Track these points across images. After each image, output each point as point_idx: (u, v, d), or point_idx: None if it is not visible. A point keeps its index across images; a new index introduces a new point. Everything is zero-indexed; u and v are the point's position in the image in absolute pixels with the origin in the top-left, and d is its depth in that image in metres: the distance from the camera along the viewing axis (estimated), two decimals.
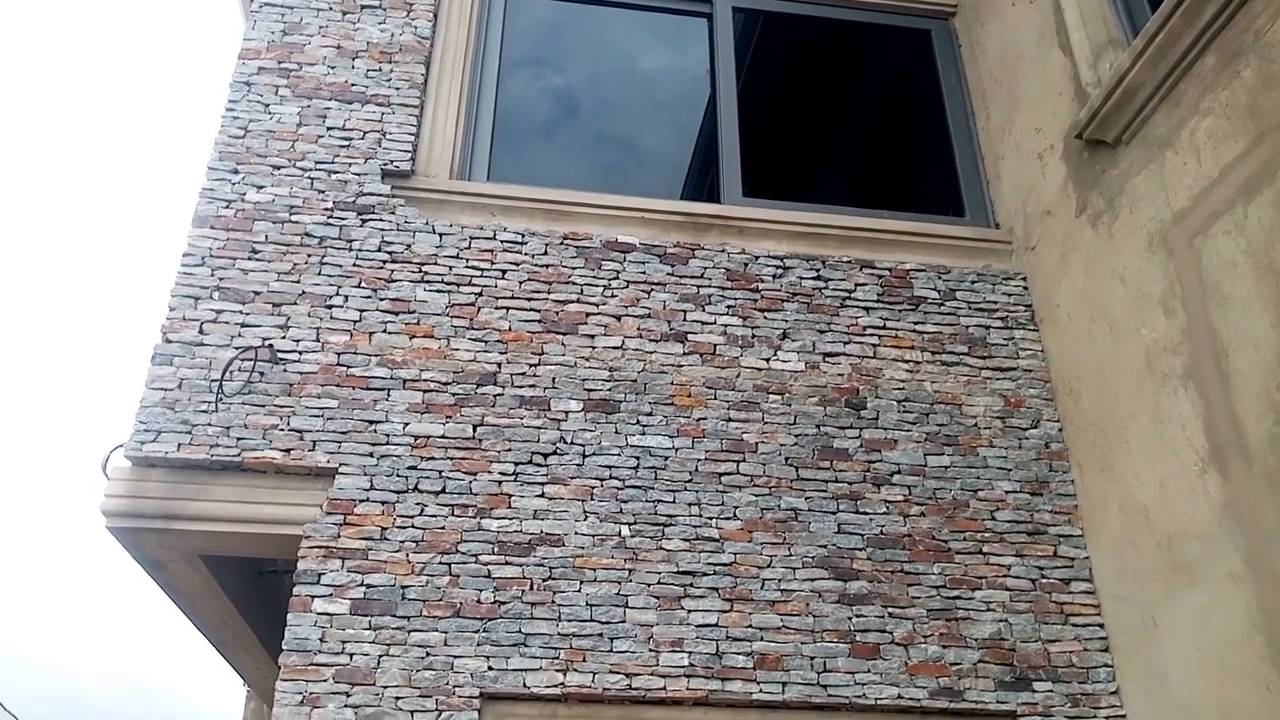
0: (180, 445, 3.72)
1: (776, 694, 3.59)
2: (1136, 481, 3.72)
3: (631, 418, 4.01)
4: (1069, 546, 3.99)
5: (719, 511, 3.88)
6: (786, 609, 3.74)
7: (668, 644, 3.62)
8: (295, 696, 3.38)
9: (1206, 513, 3.36)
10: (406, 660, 3.47)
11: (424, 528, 3.69)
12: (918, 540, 3.93)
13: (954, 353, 4.35)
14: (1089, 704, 3.70)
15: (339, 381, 3.89)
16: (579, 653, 3.56)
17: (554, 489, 3.84)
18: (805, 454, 4.04)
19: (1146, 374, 3.72)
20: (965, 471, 4.09)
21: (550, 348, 4.08)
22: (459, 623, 3.55)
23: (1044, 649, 3.78)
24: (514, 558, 3.69)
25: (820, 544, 3.87)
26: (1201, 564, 3.36)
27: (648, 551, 3.77)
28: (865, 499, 3.98)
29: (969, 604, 3.83)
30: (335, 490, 3.72)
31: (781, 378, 4.18)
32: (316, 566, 3.58)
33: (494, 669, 3.50)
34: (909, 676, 3.67)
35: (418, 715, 3.40)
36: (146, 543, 3.80)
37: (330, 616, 3.51)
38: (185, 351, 3.88)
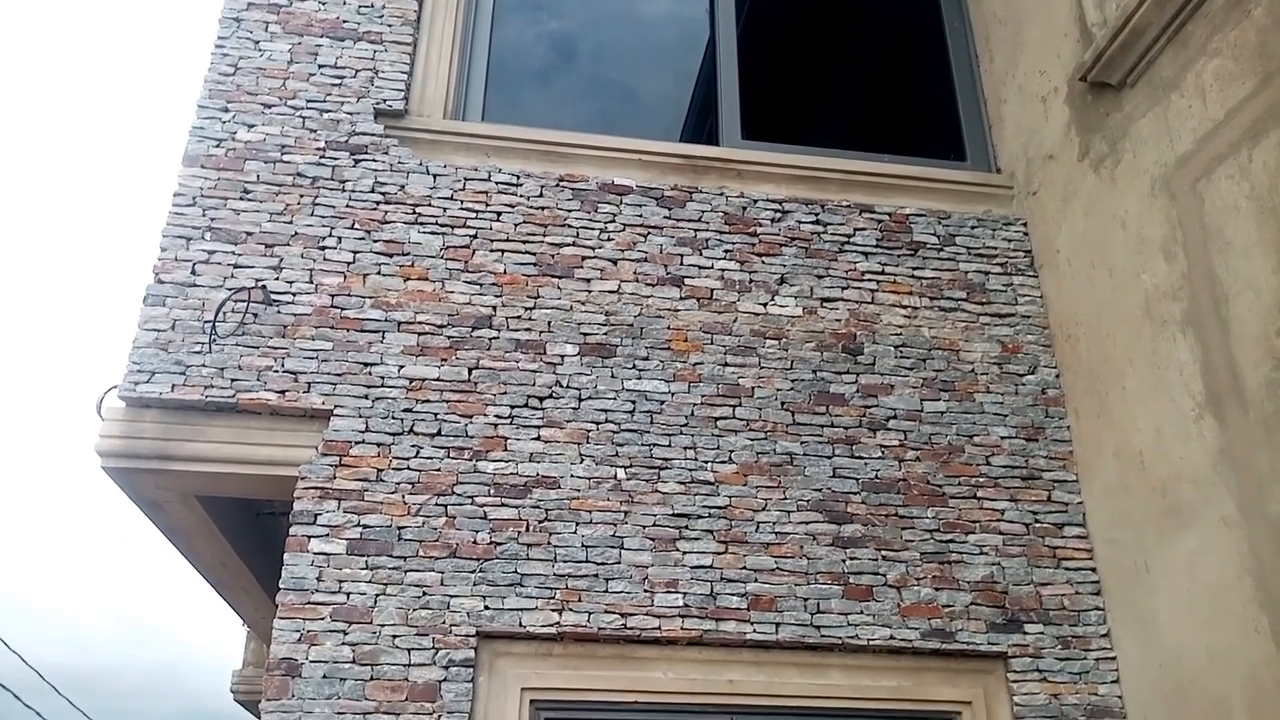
0: (174, 386, 3.70)
1: (770, 634, 3.62)
2: (1132, 427, 3.72)
3: (627, 362, 3.99)
4: (1063, 492, 4.00)
5: (714, 455, 3.89)
6: (780, 551, 3.76)
7: (662, 585, 3.64)
8: (293, 634, 3.40)
9: (1201, 458, 3.37)
10: (403, 599, 3.49)
11: (420, 469, 3.69)
12: (912, 485, 3.94)
13: (952, 298, 4.33)
14: (1079, 646, 3.74)
15: (333, 323, 3.86)
16: (574, 593, 3.59)
17: (550, 432, 3.84)
18: (801, 399, 4.03)
19: (1145, 319, 3.70)
20: (961, 417, 4.09)
21: (546, 291, 4.05)
22: (455, 563, 3.57)
23: (1036, 592, 3.81)
24: (510, 500, 3.70)
25: (815, 488, 3.88)
26: (1195, 509, 3.38)
27: (643, 494, 3.78)
28: (861, 444, 3.99)
29: (962, 547, 3.85)
30: (330, 432, 3.71)
31: (779, 323, 4.16)
32: (313, 507, 3.59)
33: (490, 608, 3.52)
34: (901, 618, 3.70)
35: (414, 653, 3.43)
36: (142, 483, 3.80)
37: (327, 556, 3.52)
38: (178, 292, 3.84)
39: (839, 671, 3.67)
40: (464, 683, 3.41)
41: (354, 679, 3.36)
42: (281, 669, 3.35)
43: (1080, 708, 3.64)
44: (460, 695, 3.39)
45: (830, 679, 3.66)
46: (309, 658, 3.37)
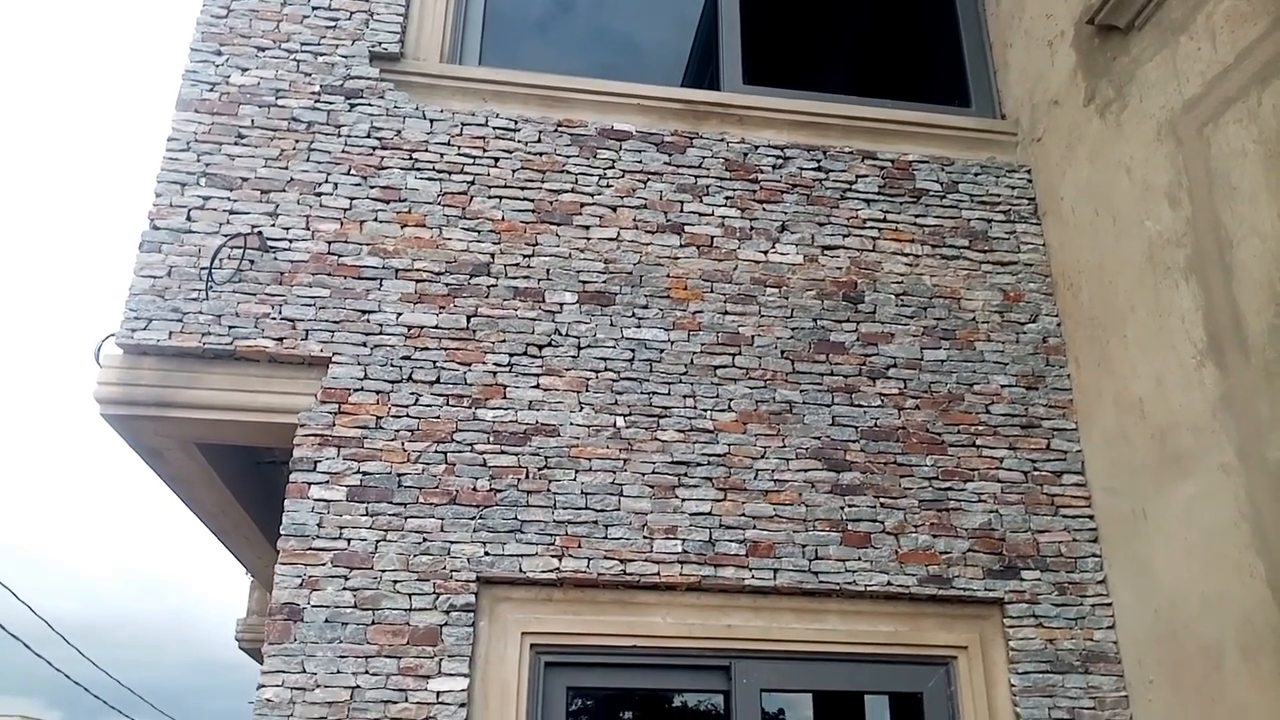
0: (171, 333, 3.68)
1: (768, 580, 3.64)
2: (1133, 375, 3.71)
3: (627, 310, 3.97)
4: (1062, 440, 4.01)
5: (714, 404, 3.88)
6: (779, 498, 3.77)
7: (661, 531, 3.66)
8: (294, 579, 3.43)
9: (1201, 405, 3.36)
10: (404, 545, 3.51)
11: (419, 417, 3.69)
12: (911, 433, 3.94)
13: (954, 246, 4.30)
14: (1075, 593, 3.77)
15: (330, 270, 3.84)
16: (574, 539, 3.61)
17: (549, 380, 3.83)
18: (801, 347, 4.02)
19: (1148, 267, 3.67)
20: (961, 365, 4.08)
21: (544, 238, 4.02)
22: (455, 510, 3.58)
23: (1033, 539, 3.83)
24: (509, 447, 3.70)
25: (814, 436, 3.88)
26: (1194, 456, 3.38)
27: (642, 442, 3.78)
28: (860, 392, 3.98)
29: (960, 495, 3.86)
30: (329, 379, 3.70)
31: (779, 271, 4.13)
32: (312, 454, 3.59)
33: (490, 554, 3.54)
34: (899, 564, 3.73)
35: (415, 598, 3.45)
36: (142, 431, 3.81)
37: (327, 503, 3.53)
38: (173, 239, 3.81)
39: (836, 617, 3.70)
40: (465, 627, 3.44)
41: (355, 623, 3.39)
42: (283, 614, 3.38)
43: (1075, 653, 3.68)
44: (461, 639, 3.42)
45: (828, 624, 3.69)
46: (310, 602, 3.40)
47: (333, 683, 3.31)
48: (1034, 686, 3.62)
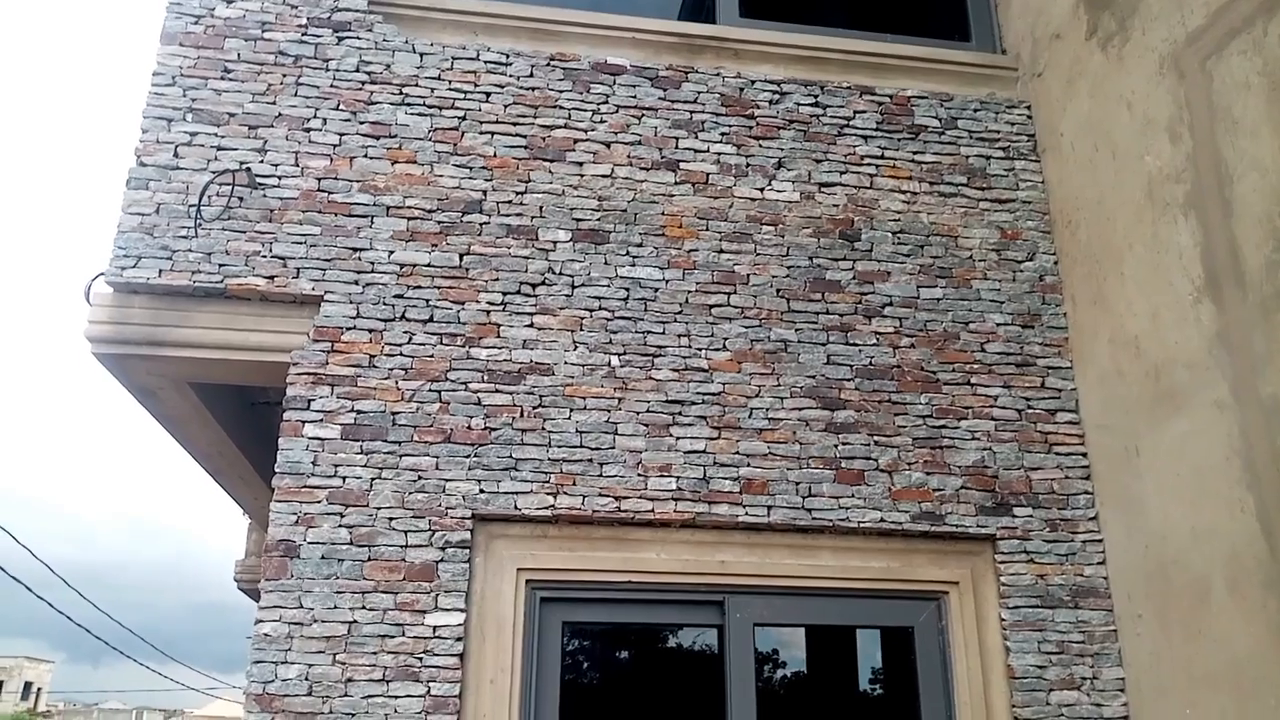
0: (161, 271, 3.65)
1: (761, 517, 3.66)
2: (1129, 312, 3.70)
3: (621, 248, 3.94)
4: (1057, 378, 4.01)
5: (708, 342, 3.87)
6: (773, 437, 3.78)
7: (656, 469, 3.67)
8: (290, 517, 3.44)
9: (1197, 341, 3.35)
10: (399, 483, 3.52)
11: (412, 355, 3.67)
12: (906, 371, 3.93)
13: (952, 183, 4.25)
14: (1067, 529, 3.80)
15: (320, 208, 3.79)
16: (569, 477, 3.62)
17: (543, 319, 3.81)
18: (797, 286, 4.00)
19: (1147, 203, 3.64)
20: (957, 304, 4.06)
21: (537, 175, 3.97)
22: (450, 448, 3.58)
23: (1026, 476, 3.85)
24: (504, 386, 3.69)
25: (809, 374, 3.88)
26: (1187, 392, 3.38)
27: (637, 381, 3.78)
28: (856, 330, 3.97)
29: (954, 433, 3.87)
30: (321, 318, 3.68)
31: (775, 208, 4.09)
32: (306, 392, 3.58)
33: (485, 492, 3.55)
34: (892, 501, 3.75)
35: (411, 535, 3.47)
36: (134, 370, 3.79)
37: (321, 441, 3.53)
38: (160, 175, 3.76)
39: (829, 553, 3.73)
40: (460, 563, 3.46)
41: (352, 560, 3.41)
42: (280, 550, 3.40)
43: (1066, 588, 3.72)
44: (457, 575, 3.44)
45: (820, 560, 3.72)
46: (307, 539, 3.42)
47: (330, 618, 3.34)
48: (1024, 621, 3.66)
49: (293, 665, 3.28)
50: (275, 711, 3.22)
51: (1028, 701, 3.56)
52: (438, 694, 3.29)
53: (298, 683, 3.25)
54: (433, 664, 3.33)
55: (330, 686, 3.26)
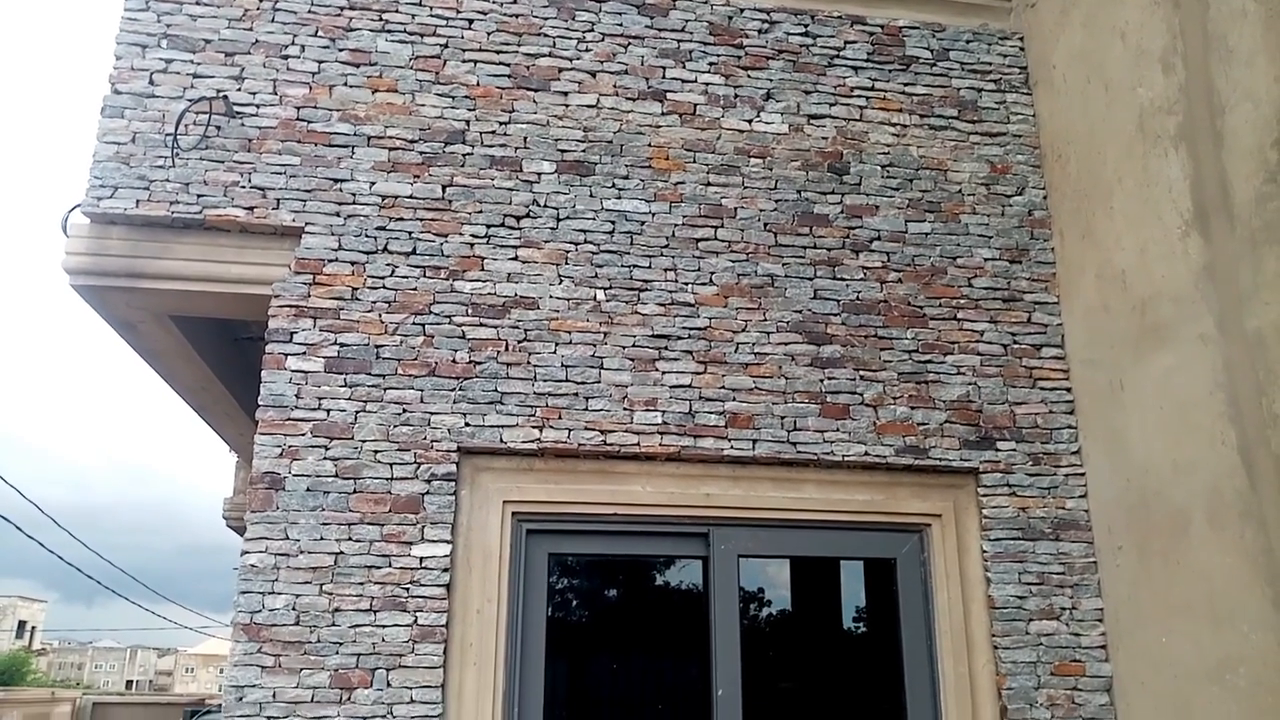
0: (139, 202, 3.59)
1: (746, 450, 3.68)
2: (1117, 247, 3.69)
3: (607, 180, 3.88)
4: (1043, 313, 4.00)
5: (695, 277, 3.84)
6: (759, 371, 3.77)
7: (642, 403, 3.67)
8: (274, 450, 3.43)
9: (1184, 275, 3.34)
10: (383, 416, 3.51)
11: (395, 289, 3.64)
12: (893, 306, 3.92)
13: (943, 116, 4.20)
14: (1050, 463, 3.82)
15: (299, 137, 3.72)
16: (555, 411, 3.61)
17: (527, 252, 3.77)
18: (785, 219, 3.96)
19: (1138, 135, 3.60)
20: (945, 239, 4.04)
21: (521, 105, 3.90)
22: (435, 381, 3.57)
23: (1010, 411, 3.86)
24: (488, 319, 3.67)
25: (795, 309, 3.86)
26: (1173, 326, 3.38)
27: (623, 315, 3.76)
28: (843, 265, 3.94)
29: (940, 368, 3.87)
30: (302, 250, 3.63)
31: (763, 140, 4.04)
32: (288, 325, 3.55)
33: (471, 425, 3.55)
34: (876, 435, 3.76)
35: (396, 468, 3.47)
36: (113, 302, 3.75)
37: (305, 374, 3.51)
38: (136, 103, 3.67)
39: (813, 486, 3.75)
40: (446, 496, 3.47)
41: (337, 492, 3.41)
42: (265, 482, 3.40)
43: (1047, 520, 3.75)
44: (443, 507, 3.45)
45: (805, 493, 3.74)
46: (291, 472, 3.41)
47: (316, 549, 3.35)
48: (1005, 553, 3.70)
49: (280, 596, 3.29)
50: (263, 641, 3.25)
51: (1007, 631, 3.62)
52: (425, 623, 3.32)
53: (285, 613, 3.28)
54: (419, 594, 3.36)
55: (318, 616, 3.29)
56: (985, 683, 3.61)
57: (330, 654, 3.26)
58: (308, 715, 3.20)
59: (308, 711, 3.20)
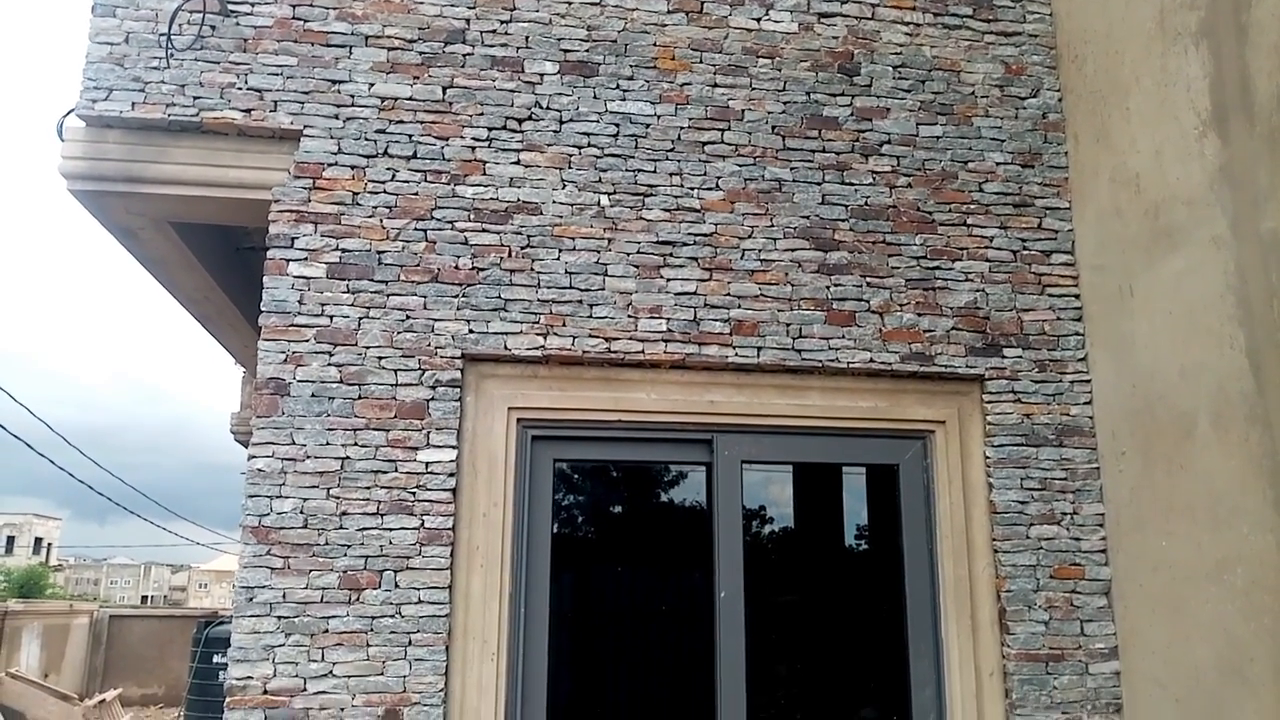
0: (134, 104, 3.52)
1: (751, 358, 3.66)
2: (1131, 149, 3.61)
3: (611, 82, 3.79)
4: (1054, 219, 3.94)
5: (701, 181, 3.78)
6: (765, 278, 3.74)
7: (646, 310, 3.64)
8: (278, 355, 3.42)
9: (1199, 177, 3.28)
10: (387, 323, 3.49)
11: (396, 193, 3.59)
12: (902, 211, 3.86)
13: (958, 15, 4.07)
14: (1055, 369, 3.81)
15: (296, 37, 3.62)
16: (559, 318, 3.59)
17: (530, 156, 3.70)
18: (793, 122, 3.87)
19: (1157, 33, 3.49)
20: (957, 142, 3.95)
21: (522, 2, 3.78)
22: (437, 288, 3.54)
23: (1017, 318, 3.83)
24: (491, 225, 3.62)
25: (803, 215, 3.80)
26: (1186, 229, 3.33)
27: (627, 221, 3.71)
28: (852, 169, 3.87)
29: (948, 274, 3.83)
30: (301, 153, 3.57)
31: (772, 40, 3.93)
32: (289, 230, 3.51)
33: (474, 332, 3.53)
34: (882, 342, 3.74)
35: (401, 374, 3.47)
36: (112, 208, 3.70)
37: (307, 280, 3.48)
38: (128, 2, 3.57)
39: (818, 393, 3.75)
40: (451, 402, 3.47)
41: (342, 398, 3.42)
42: (270, 388, 3.40)
43: (1051, 427, 3.76)
44: (448, 413, 3.46)
45: (809, 400, 3.74)
46: (296, 377, 3.41)
47: (322, 454, 3.37)
48: (1008, 459, 3.72)
49: (287, 499, 3.32)
50: (272, 543, 3.29)
51: (1008, 535, 3.65)
52: (431, 526, 3.36)
53: (293, 515, 3.31)
54: (426, 498, 3.38)
55: (325, 519, 3.32)
56: (984, 586, 3.65)
57: (339, 556, 3.30)
58: (317, 615, 3.26)
59: (317, 611, 3.26)
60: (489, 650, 3.36)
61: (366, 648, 3.25)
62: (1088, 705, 3.53)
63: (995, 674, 3.57)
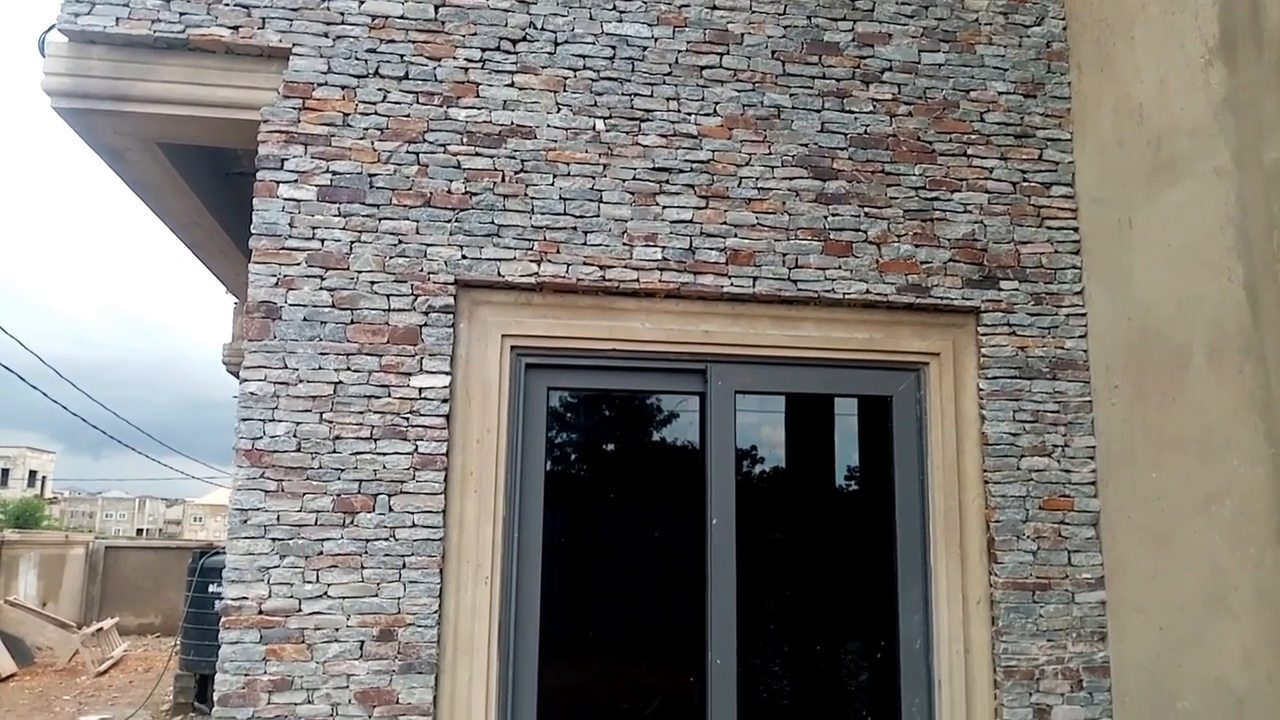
0: (119, 20, 3.43)
1: (747, 288, 3.64)
2: (1136, 79, 3.55)
3: (607, 3, 3.71)
4: (1055, 150, 3.89)
5: (699, 107, 3.71)
6: (762, 207, 3.69)
7: (641, 238, 3.61)
8: (269, 279, 3.39)
9: (1204, 107, 3.23)
10: (379, 247, 3.45)
11: (388, 115, 3.52)
12: (902, 141, 3.81)
13: None
14: (1052, 302, 3.80)
15: None
16: (553, 244, 3.55)
17: (524, 78, 3.63)
18: (793, 47, 3.80)
19: None
20: (959, 70, 3.89)
21: None
22: (430, 212, 3.50)
23: (1015, 250, 3.81)
24: (484, 149, 3.56)
25: (801, 142, 3.75)
26: (1188, 160, 3.29)
27: (623, 147, 3.65)
28: (852, 97, 3.81)
29: (946, 205, 3.79)
30: (290, 72, 3.49)
31: None
32: (278, 151, 3.45)
33: (468, 258, 3.50)
34: (879, 273, 3.72)
35: (394, 299, 3.44)
36: (98, 127, 3.63)
37: (298, 203, 3.43)
38: None
39: (813, 324, 3.74)
40: (444, 328, 3.45)
41: (335, 322, 3.39)
42: (261, 311, 3.37)
43: (1045, 359, 3.75)
44: (441, 339, 3.44)
45: (804, 331, 3.73)
46: (288, 301, 3.38)
47: (315, 378, 3.35)
48: (1001, 391, 3.72)
49: (280, 423, 3.32)
50: (265, 466, 3.29)
51: (999, 467, 3.67)
52: (425, 451, 3.36)
53: (286, 439, 3.31)
54: (419, 423, 3.38)
55: (319, 443, 3.32)
56: (974, 516, 3.68)
57: (332, 479, 3.31)
58: (311, 538, 3.28)
59: (311, 534, 3.28)
60: (483, 574, 3.39)
61: (361, 570, 3.27)
62: (1073, 633, 3.59)
63: (982, 602, 3.62)
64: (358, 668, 3.23)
